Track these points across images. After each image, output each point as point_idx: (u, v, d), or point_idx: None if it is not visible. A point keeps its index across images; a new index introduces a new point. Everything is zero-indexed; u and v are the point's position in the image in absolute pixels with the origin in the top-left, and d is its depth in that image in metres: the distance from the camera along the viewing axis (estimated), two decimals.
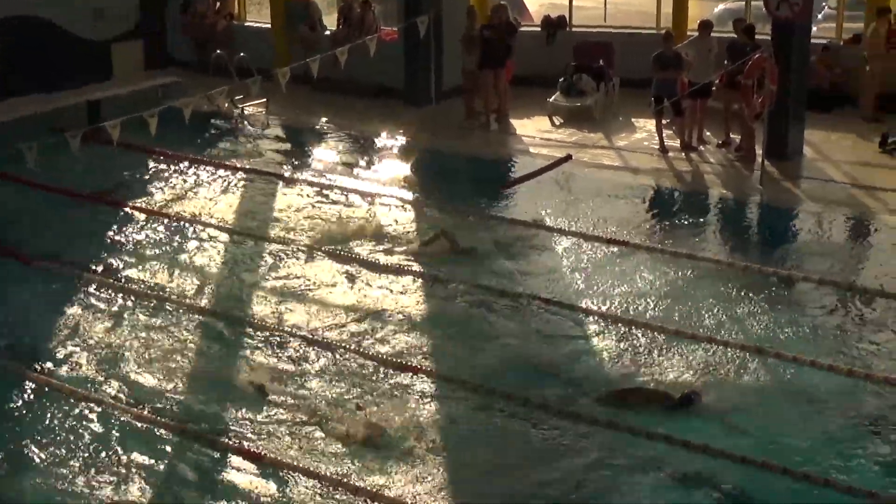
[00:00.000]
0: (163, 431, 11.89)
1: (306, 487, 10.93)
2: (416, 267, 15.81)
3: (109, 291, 15.16)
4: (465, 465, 11.32)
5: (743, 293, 14.81)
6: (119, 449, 11.57)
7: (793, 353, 13.11)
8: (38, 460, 11.44)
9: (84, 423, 12.07)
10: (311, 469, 11.17)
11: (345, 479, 11.00)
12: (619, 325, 13.98)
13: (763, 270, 15.44)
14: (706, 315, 14.19)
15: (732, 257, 16.02)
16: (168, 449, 11.61)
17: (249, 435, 11.80)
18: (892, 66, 21.52)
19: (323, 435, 11.76)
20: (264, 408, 12.30)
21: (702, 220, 17.85)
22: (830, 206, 17.90)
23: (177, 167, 20.26)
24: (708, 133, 20.92)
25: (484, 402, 12.36)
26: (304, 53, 21.73)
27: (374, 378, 12.88)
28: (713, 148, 20.57)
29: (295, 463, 11.28)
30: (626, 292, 14.86)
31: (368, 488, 10.85)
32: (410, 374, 12.92)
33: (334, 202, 18.50)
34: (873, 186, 18.50)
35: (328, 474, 11.06)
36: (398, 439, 11.63)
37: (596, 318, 14.22)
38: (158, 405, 12.39)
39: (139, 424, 12.03)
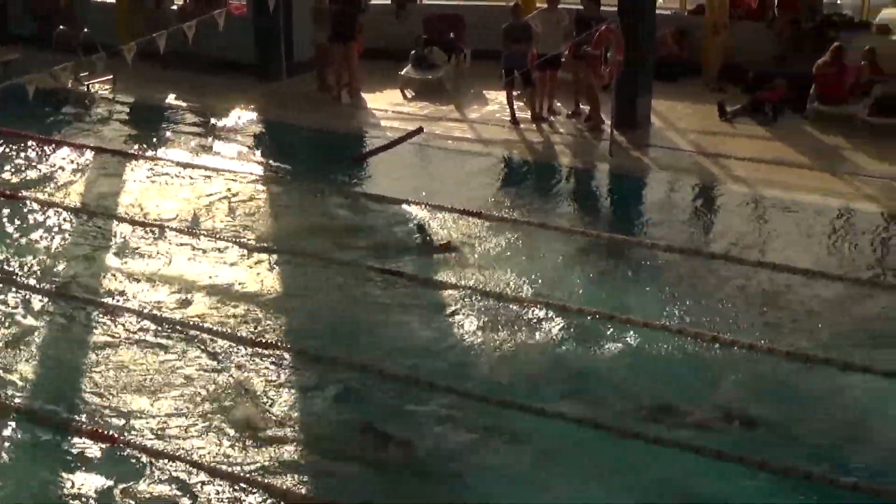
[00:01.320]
0: None
1: (166, 469, 10.79)
2: (270, 243, 15.67)
3: None
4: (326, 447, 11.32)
5: (594, 261, 15.04)
6: None
7: (643, 319, 13.36)
8: None
9: None
10: (164, 451, 11.03)
11: (214, 465, 10.88)
12: (475, 295, 14.07)
13: (613, 238, 15.71)
14: (559, 283, 14.36)
15: (583, 225, 16.24)
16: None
17: (103, 418, 11.57)
18: (734, 37, 22.07)
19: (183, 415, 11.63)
20: (115, 390, 12.07)
21: (553, 189, 18.05)
22: (678, 174, 18.32)
23: (21, 146, 19.70)
24: (558, 104, 21.18)
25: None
26: (151, 28, 21.29)
27: (232, 356, 12.75)
28: (563, 119, 20.84)
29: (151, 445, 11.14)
30: (479, 262, 14.96)
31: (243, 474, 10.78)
32: (269, 350, 12.82)
33: (184, 179, 18.23)
34: (718, 154, 18.97)
35: (196, 460, 10.92)
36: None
37: (448, 290, 14.29)
38: None
39: None
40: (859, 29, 22.37)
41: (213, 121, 21.29)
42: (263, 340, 12.94)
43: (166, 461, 10.82)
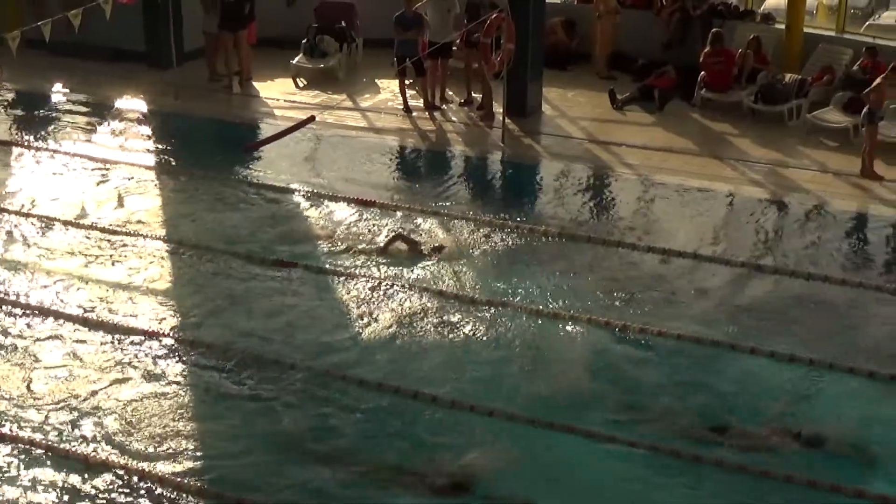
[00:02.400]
0: None
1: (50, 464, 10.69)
2: (157, 232, 15.52)
3: None
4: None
5: (488, 248, 15.16)
6: None
7: (536, 306, 13.51)
8: None
9: None
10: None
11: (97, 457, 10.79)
12: (366, 281, 14.10)
13: (506, 224, 15.83)
14: (451, 271, 14.45)
15: (477, 212, 16.34)
16: None
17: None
18: (622, 25, 22.35)
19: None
20: None
21: (446, 177, 18.12)
22: (569, 161, 18.54)
23: None
24: (450, 92, 21.25)
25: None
26: (36, 16, 20.87)
27: (119, 347, 12.63)
28: (455, 107, 20.92)
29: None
30: (372, 250, 14.98)
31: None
32: (156, 340, 12.73)
33: (72, 170, 17.91)
34: (608, 141, 19.22)
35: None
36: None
37: (343, 278, 14.30)
38: None
39: None
40: (745, 17, 22.80)
41: (102, 110, 20.94)
42: (149, 329, 12.92)
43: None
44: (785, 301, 14.01)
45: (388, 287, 13.99)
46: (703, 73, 20.59)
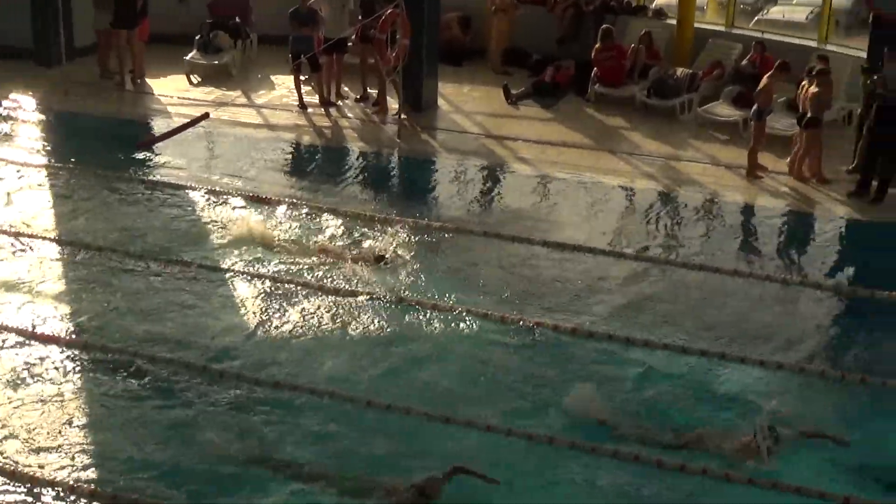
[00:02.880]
0: None
1: None
2: (48, 232, 15.23)
3: None
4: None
5: (385, 243, 15.14)
6: None
7: (433, 301, 13.55)
8: None
9: None
10: None
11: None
12: (260, 280, 14.02)
13: (403, 220, 15.83)
14: (349, 268, 14.42)
15: (374, 209, 16.32)
16: None
17: None
18: (517, 20, 22.49)
19: None
20: None
21: (342, 173, 18.06)
22: (465, 156, 18.63)
23: None
24: (346, 88, 21.20)
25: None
26: None
27: (8, 350, 12.38)
28: (351, 103, 20.88)
29: None
30: (272, 248, 14.90)
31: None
32: (47, 343, 12.52)
33: None
34: (504, 136, 19.35)
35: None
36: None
37: (240, 277, 14.19)
38: None
39: None
40: (636, 13, 23.12)
41: None
42: (39, 332, 12.70)
43: None
44: (678, 292, 14.22)
45: (287, 286, 13.89)
46: (595, 68, 20.81)
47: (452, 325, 13.11)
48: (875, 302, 14.06)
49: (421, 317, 13.26)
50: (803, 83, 17.62)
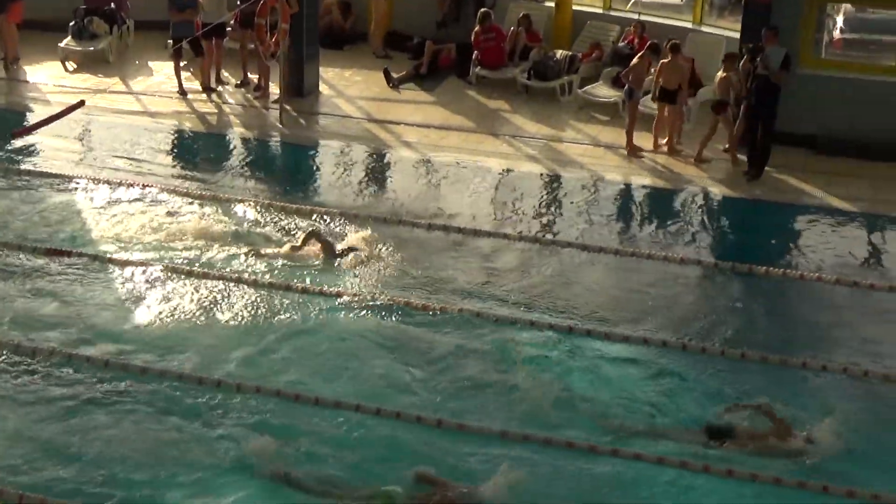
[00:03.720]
0: None
1: None
2: None
3: None
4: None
5: (269, 230, 15.06)
6: None
7: (321, 288, 13.53)
8: None
9: None
10: None
11: None
12: (144, 268, 13.86)
13: (286, 208, 15.73)
14: (231, 254, 14.34)
15: (255, 195, 16.22)
16: None
17: None
18: (397, 4, 22.48)
19: None
20: None
21: (225, 160, 17.89)
22: (348, 141, 18.59)
23: None
24: (226, 73, 20.98)
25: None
26: None
27: None
28: (232, 88, 20.66)
29: None
30: (151, 237, 14.73)
31: None
32: None
33: None
34: (386, 120, 19.35)
35: None
36: None
37: (121, 266, 14.00)
38: None
39: None
40: None
41: None
42: None
43: None
44: (564, 272, 14.38)
45: (170, 273, 13.75)
46: (476, 51, 20.91)
47: (348, 312, 13.11)
48: (753, 277, 14.42)
49: (312, 304, 13.23)
50: (662, 62, 17.96)
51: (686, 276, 14.54)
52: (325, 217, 15.47)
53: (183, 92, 20.12)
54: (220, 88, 20.54)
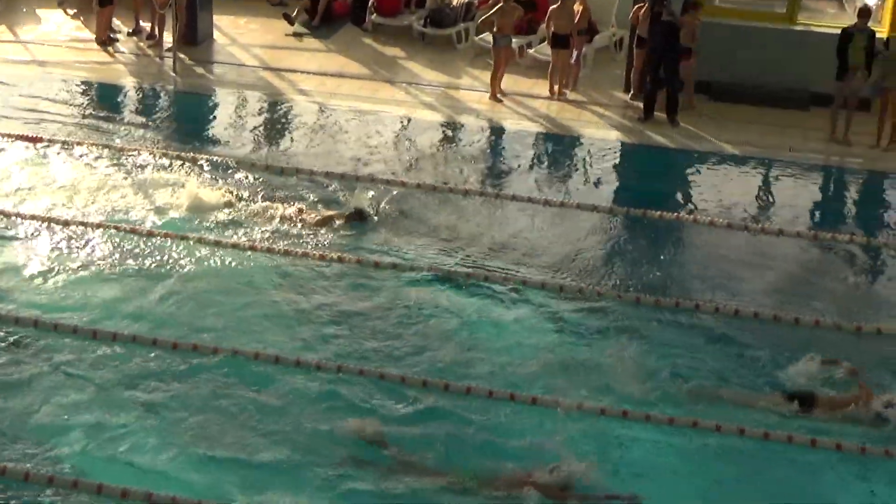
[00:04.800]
0: None
1: None
2: None
3: None
4: None
5: (165, 179, 14.90)
6: None
7: (215, 238, 13.46)
8: None
9: None
10: None
11: None
12: (42, 223, 13.64)
13: (182, 156, 15.57)
14: (125, 203, 14.19)
15: (148, 145, 16.02)
16: None
17: None
18: None
19: None
20: None
21: (118, 110, 17.57)
22: (243, 90, 18.41)
23: None
24: (118, 22, 20.55)
25: None
26: None
27: None
28: (124, 37, 20.25)
29: None
30: (52, 189, 14.54)
31: None
32: None
33: None
34: (281, 68, 19.18)
35: None
36: None
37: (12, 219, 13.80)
38: None
39: None
40: None
41: None
42: None
43: None
44: (460, 218, 14.40)
45: (65, 226, 13.58)
46: None
47: (231, 260, 13.08)
48: (646, 222, 14.63)
49: (203, 253, 13.17)
50: (551, 7, 18.07)
51: (581, 222, 14.68)
52: (218, 167, 15.30)
53: (74, 41, 19.64)
54: (113, 37, 20.03)
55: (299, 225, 13.87)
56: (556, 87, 18.39)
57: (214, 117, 17.80)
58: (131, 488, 9.44)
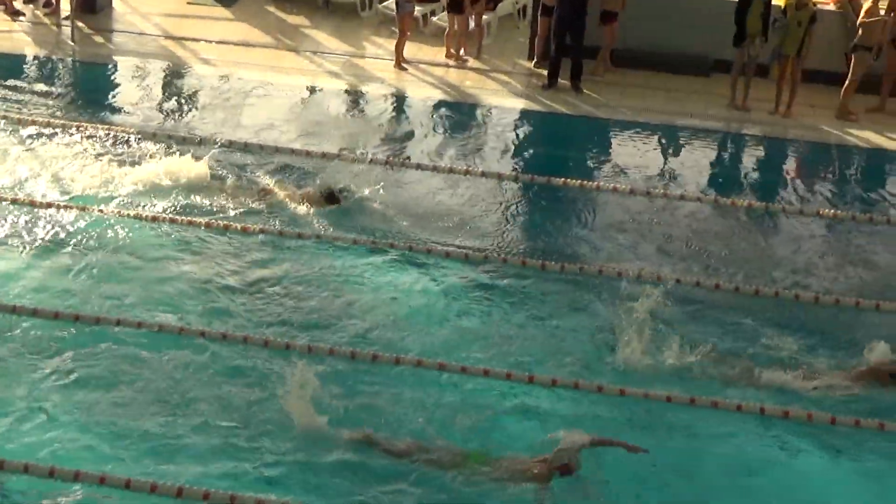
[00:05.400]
0: None
1: None
2: None
3: None
4: None
5: (66, 152, 14.66)
6: None
7: (127, 211, 13.33)
8: None
9: None
10: None
11: None
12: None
13: (81, 127, 15.32)
14: (28, 175, 13.98)
15: (49, 115, 15.73)
16: None
17: None
18: None
19: None
20: None
21: (13, 79, 17.08)
22: (144, 59, 18.15)
23: None
24: None
25: None
26: None
27: None
28: (21, 4, 19.80)
29: None
30: None
31: None
32: None
33: None
34: (183, 37, 18.94)
35: None
36: None
37: None
38: None
39: None
40: None
41: None
42: None
43: None
44: (368, 188, 14.29)
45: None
46: None
47: (145, 233, 12.98)
48: (550, 189, 14.75)
49: (107, 225, 13.02)
50: None
51: (485, 190, 14.75)
52: (117, 140, 15.09)
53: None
54: (8, 3, 19.57)
55: (252, 201, 13.75)
56: (452, 51, 18.39)
57: (114, 87, 17.52)
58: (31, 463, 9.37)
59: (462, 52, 18.47)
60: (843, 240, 14.18)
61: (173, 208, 13.43)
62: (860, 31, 17.05)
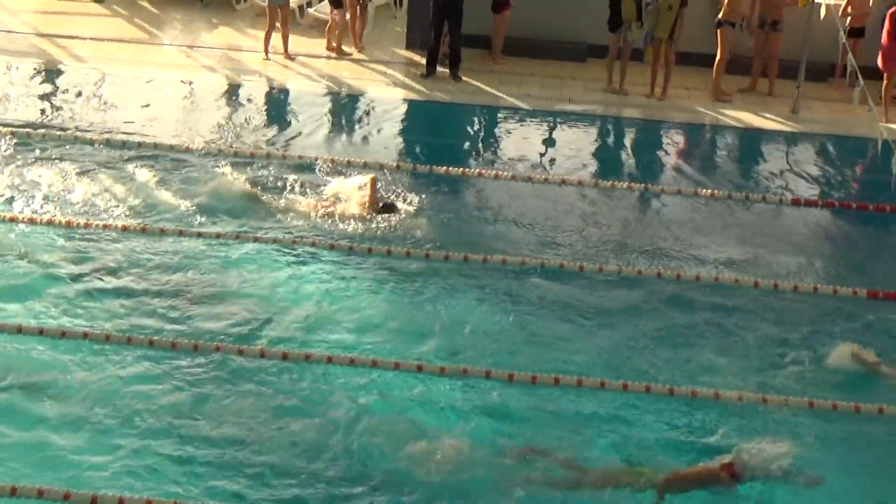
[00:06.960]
0: None
1: None
2: None
3: None
4: None
5: None
6: None
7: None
8: None
9: None
10: None
11: None
12: None
13: None
14: None
15: None
16: None
17: None
18: None
19: None
20: None
21: None
22: (14, 57, 17.76)
23: None
24: None
25: None
26: None
27: None
28: None
29: None
30: None
31: None
32: None
33: None
34: (54, 34, 18.56)
35: None
36: None
37: None
38: None
39: None
40: None
41: None
42: None
43: None
44: (248, 183, 14.21)
45: None
46: None
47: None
48: (432, 178, 14.79)
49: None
50: None
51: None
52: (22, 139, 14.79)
53: None
54: None
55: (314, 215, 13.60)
56: (333, 44, 18.33)
57: None
58: None
59: (353, 45, 18.36)
60: (720, 218, 14.46)
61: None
62: (724, 7, 17.41)
